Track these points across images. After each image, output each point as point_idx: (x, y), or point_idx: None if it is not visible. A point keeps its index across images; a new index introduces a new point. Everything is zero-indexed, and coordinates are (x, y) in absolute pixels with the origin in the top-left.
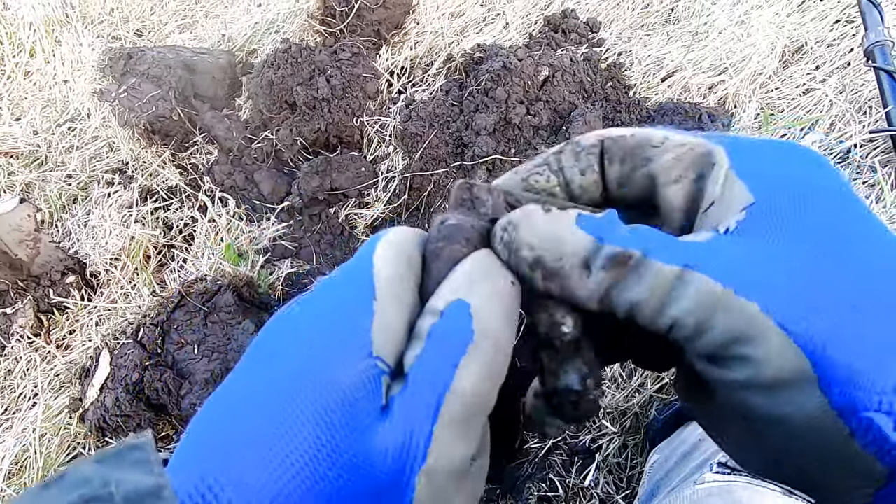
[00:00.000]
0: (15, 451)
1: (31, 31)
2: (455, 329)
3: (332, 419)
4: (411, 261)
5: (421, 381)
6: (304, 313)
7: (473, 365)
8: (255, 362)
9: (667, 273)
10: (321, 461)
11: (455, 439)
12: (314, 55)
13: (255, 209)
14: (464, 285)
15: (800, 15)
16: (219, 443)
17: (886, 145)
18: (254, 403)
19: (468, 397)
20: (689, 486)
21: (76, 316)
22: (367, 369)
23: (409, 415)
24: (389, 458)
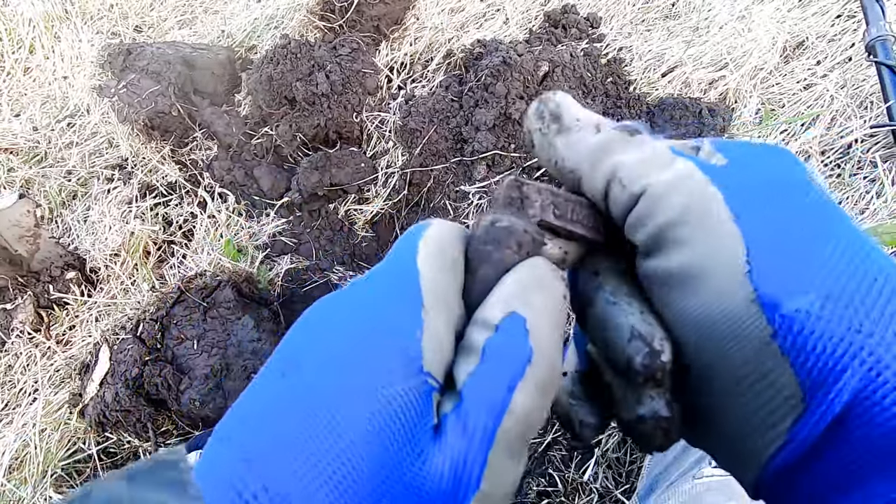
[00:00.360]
0: (15, 446)
1: (30, 28)
2: (511, 346)
3: (387, 441)
4: (455, 262)
5: (476, 402)
6: (347, 316)
7: (530, 386)
8: (293, 366)
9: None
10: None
11: (507, 465)
12: (313, 51)
13: (254, 205)
14: (517, 296)
15: (801, 10)
16: (257, 454)
17: (887, 140)
18: (296, 414)
19: (524, 420)
20: (687, 480)
21: (76, 311)
22: (418, 386)
23: (463, 438)
24: (444, 483)
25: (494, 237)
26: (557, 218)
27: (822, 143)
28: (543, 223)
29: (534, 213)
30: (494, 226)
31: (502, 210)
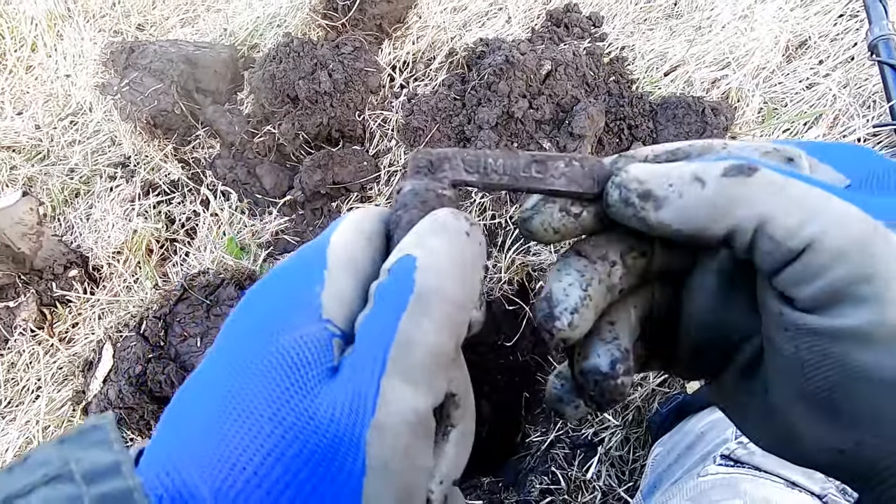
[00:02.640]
0: (18, 443)
1: (32, 26)
2: (397, 283)
3: (279, 377)
4: (371, 234)
5: (366, 337)
6: (262, 289)
7: (418, 316)
8: (216, 344)
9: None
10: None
11: (406, 392)
12: (316, 49)
13: (257, 203)
14: (413, 241)
15: (803, 9)
16: (180, 421)
17: (890, 139)
18: (210, 380)
19: (416, 349)
20: (692, 478)
21: (79, 309)
22: (318, 332)
23: (355, 370)
24: (338, 415)
25: (402, 202)
26: (469, 174)
27: None
28: (457, 182)
29: (444, 174)
30: (400, 192)
31: (411, 177)
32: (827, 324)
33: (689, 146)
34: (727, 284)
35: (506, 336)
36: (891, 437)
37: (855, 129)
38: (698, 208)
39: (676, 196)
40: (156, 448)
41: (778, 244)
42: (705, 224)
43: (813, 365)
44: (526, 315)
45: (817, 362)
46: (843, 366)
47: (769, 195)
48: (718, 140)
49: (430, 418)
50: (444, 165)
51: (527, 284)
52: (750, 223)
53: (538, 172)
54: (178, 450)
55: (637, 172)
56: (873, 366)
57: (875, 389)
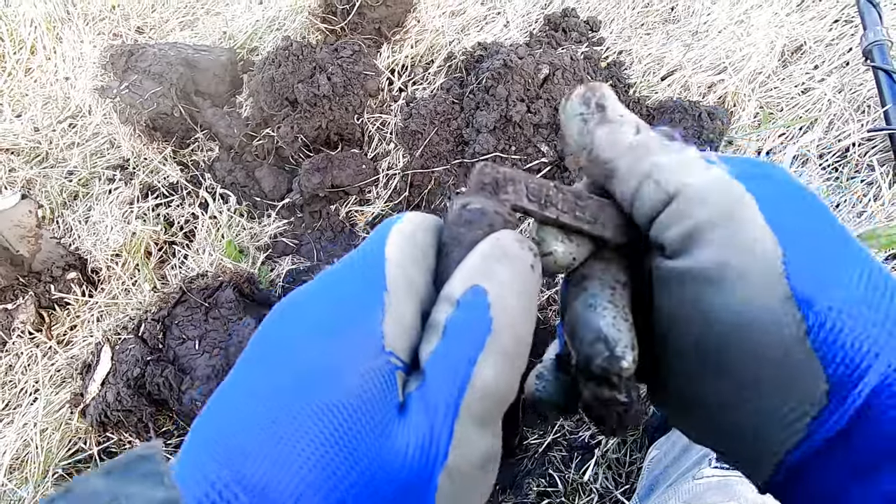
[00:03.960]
0: (16, 446)
1: (32, 29)
2: (472, 319)
3: (347, 420)
4: (426, 248)
5: (438, 376)
6: (312, 305)
7: (492, 358)
8: (261, 358)
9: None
10: (340, 464)
11: (476, 435)
12: (315, 53)
13: (255, 206)
14: (480, 269)
15: (799, 14)
16: (227, 445)
17: (884, 144)
18: (262, 403)
19: (488, 392)
20: (687, 480)
21: (77, 312)
22: (381, 366)
23: (427, 412)
24: (410, 458)
25: (466, 219)
26: (531, 202)
27: (820, 147)
28: (518, 207)
29: (507, 197)
30: (465, 208)
31: (475, 194)
32: (681, 265)
33: None
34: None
35: None
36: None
37: (850, 133)
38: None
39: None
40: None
41: (656, 187)
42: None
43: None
44: None
45: (681, 310)
46: (699, 311)
47: (670, 152)
48: None
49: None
50: (508, 187)
51: None
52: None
53: (592, 216)
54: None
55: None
56: (722, 307)
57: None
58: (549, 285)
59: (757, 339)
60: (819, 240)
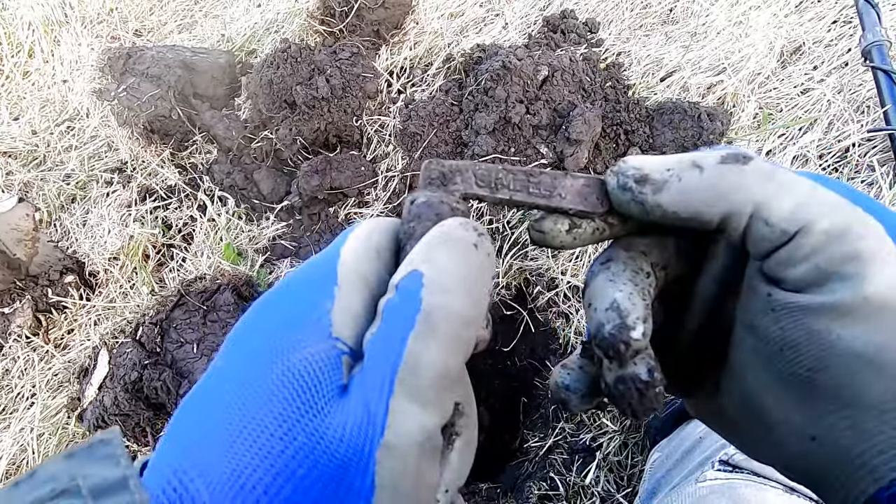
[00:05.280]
0: (13, 450)
1: (29, 31)
2: (405, 301)
3: (290, 397)
4: (380, 247)
5: (374, 356)
6: (271, 302)
7: (423, 334)
8: (224, 353)
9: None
10: (279, 438)
11: (416, 412)
12: (314, 55)
13: (254, 208)
14: (420, 255)
15: (798, 15)
16: (187, 435)
17: (884, 144)
18: (218, 394)
19: (424, 369)
20: (690, 483)
21: (74, 315)
22: (327, 350)
23: (364, 390)
24: (348, 435)
25: (415, 213)
26: (481, 188)
27: (820, 148)
28: (469, 195)
29: (455, 187)
30: (413, 203)
31: (423, 188)
32: (812, 300)
33: None
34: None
35: (503, 341)
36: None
37: (849, 133)
38: (697, 191)
39: (676, 180)
40: (161, 461)
41: (772, 227)
42: (703, 208)
43: (797, 343)
44: (524, 320)
45: (801, 339)
46: (825, 341)
47: (763, 182)
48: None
49: (438, 436)
50: (455, 178)
51: (524, 289)
52: (746, 207)
53: (546, 190)
54: (186, 465)
55: (634, 161)
56: (854, 340)
57: (855, 364)
58: (549, 287)
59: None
60: None
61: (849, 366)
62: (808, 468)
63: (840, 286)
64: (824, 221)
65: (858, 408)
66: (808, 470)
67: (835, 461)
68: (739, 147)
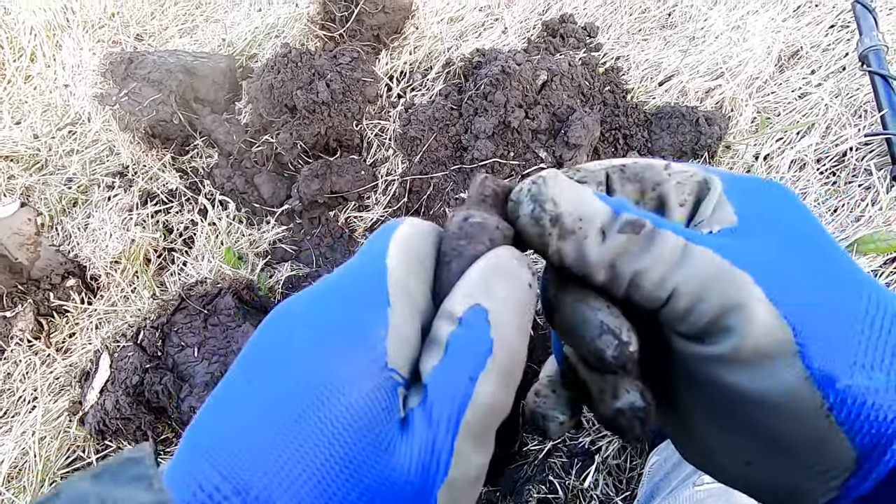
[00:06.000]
0: (14, 454)
1: (31, 36)
2: (473, 339)
3: (350, 437)
4: (424, 257)
5: (440, 394)
6: (314, 315)
7: (492, 376)
8: (259, 365)
9: (674, 242)
10: (344, 481)
11: (473, 451)
12: (314, 59)
13: (255, 212)
14: (480, 287)
15: (795, 20)
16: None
17: (882, 148)
18: (259, 411)
19: (487, 409)
20: (687, 487)
21: (76, 319)
22: (383, 382)
23: (429, 429)
24: (413, 474)
25: (467, 232)
26: None
27: (818, 152)
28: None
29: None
30: (467, 221)
31: (475, 206)
32: (705, 352)
33: (633, 163)
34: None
35: None
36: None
37: (847, 137)
38: (593, 255)
39: (582, 237)
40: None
41: (647, 294)
42: (592, 270)
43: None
44: None
45: (704, 383)
46: (721, 386)
47: (645, 253)
48: (659, 161)
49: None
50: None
51: None
52: (626, 276)
53: None
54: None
55: (553, 193)
56: (742, 383)
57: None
58: None
59: (784, 415)
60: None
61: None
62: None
63: (722, 338)
64: (690, 284)
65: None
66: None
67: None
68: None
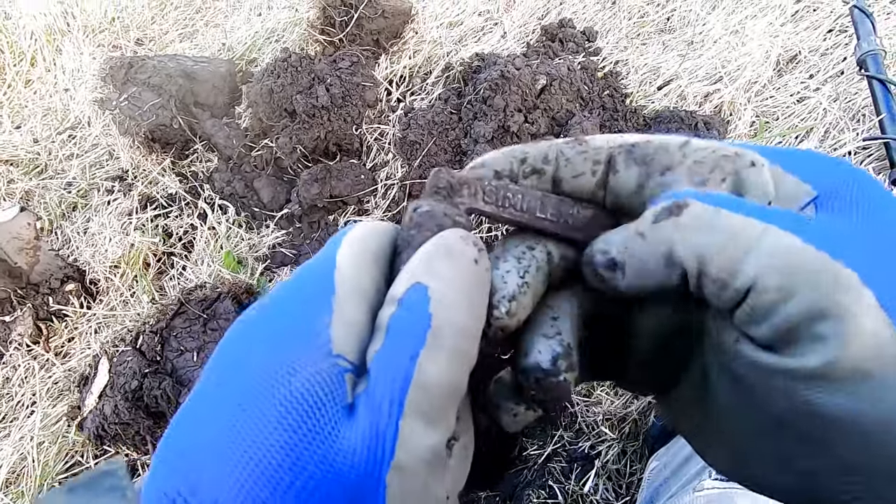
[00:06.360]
0: (13, 459)
1: (32, 41)
2: (412, 317)
3: (295, 423)
4: (377, 253)
5: (382, 375)
6: (264, 316)
7: (434, 353)
8: (216, 371)
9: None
10: (287, 469)
11: (424, 430)
12: (314, 64)
13: (254, 216)
14: (422, 267)
15: (793, 24)
16: (180, 456)
17: (880, 153)
18: (213, 413)
19: (432, 387)
20: (687, 492)
21: (75, 323)
22: (329, 368)
23: (372, 411)
24: (358, 458)
25: (417, 222)
26: (487, 204)
27: None
28: (473, 210)
29: (461, 200)
30: (416, 211)
31: (428, 197)
32: (783, 364)
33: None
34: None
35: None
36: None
37: (845, 142)
38: (648, 261)
39: (629, 256)
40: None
41: (721, 286)
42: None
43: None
44: None
45: (773, 398)
46: (798, 403)
47: (700, 233)
48: (677, 138)
49: (444, 450)
50: (462, 190)
51: None
52: (692, 265)
53: (553, 217)
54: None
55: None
56: (828, 405)
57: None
58: None
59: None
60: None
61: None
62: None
63: (810, 349)
64: (775, 276)
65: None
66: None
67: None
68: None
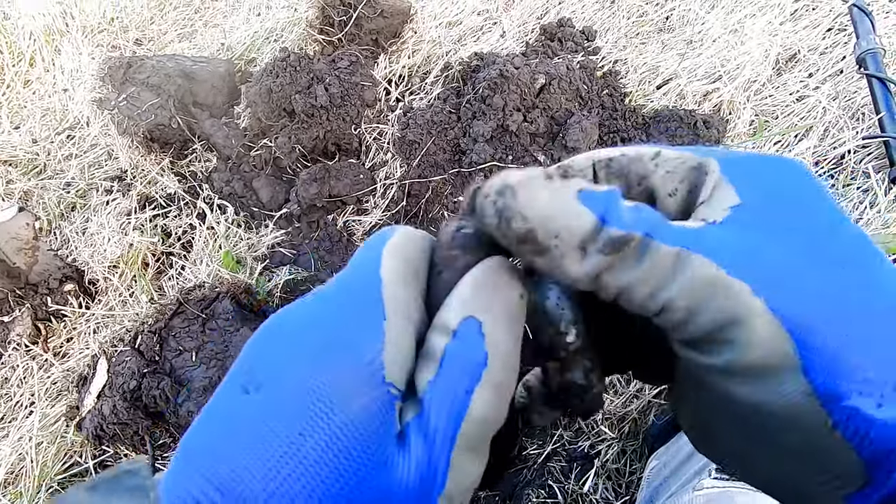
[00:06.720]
0: (11, 459)
1: (30, 41)
2: (468, 351)
3: (349, 452)
4: (418, 267)
5: (436, 407)
6: (305, 325)
7: (487, 389)
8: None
9: (665, 254)
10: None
11: (469, 462)
12: (313, 64)
13: (253, 216)
14: (473, 299)
15: (792, 23)
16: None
17: (879, 151)
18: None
19: (483, 422)
20: (687, 492)
21: (74, 324)
22: (382, 396)
23: (426, 442)
24: (411, 487)
25: (459, 243)
26: None
27: (816, 154)
28: None
29: None
30: (459, 231)
31: (468, 216)
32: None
33: (621, 155)
34: None
35: None
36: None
37: (844, 140)
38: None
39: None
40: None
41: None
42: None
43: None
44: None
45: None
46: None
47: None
48: (649, 149)
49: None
50: None
51: None
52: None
53: None
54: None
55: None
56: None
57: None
58: None
59: (789, 427)
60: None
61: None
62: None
63: (722, 350)
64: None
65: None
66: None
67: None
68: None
